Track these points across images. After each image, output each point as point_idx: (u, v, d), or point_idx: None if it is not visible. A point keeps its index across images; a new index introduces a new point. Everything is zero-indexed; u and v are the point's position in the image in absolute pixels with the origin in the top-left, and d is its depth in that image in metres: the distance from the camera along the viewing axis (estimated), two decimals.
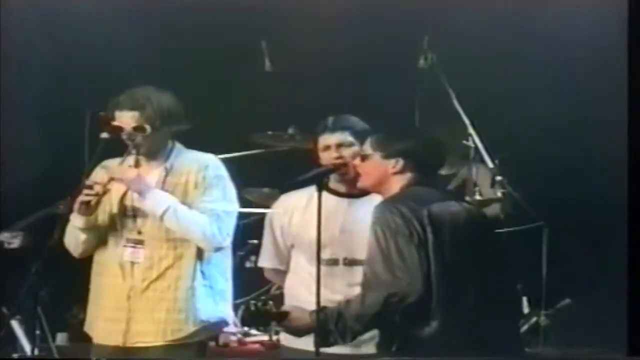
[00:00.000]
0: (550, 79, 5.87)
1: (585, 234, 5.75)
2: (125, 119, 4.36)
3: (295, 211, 4.42)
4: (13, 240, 5.45)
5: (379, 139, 4.05)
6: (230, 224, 4.41)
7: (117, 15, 5.92)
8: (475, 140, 5.65)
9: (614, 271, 4.97)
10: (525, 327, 5.56)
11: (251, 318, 4.05)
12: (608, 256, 5.39)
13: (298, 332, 4.00)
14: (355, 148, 4.33)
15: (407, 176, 3.99)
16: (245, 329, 5.51)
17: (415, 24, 5.84)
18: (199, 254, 4.40)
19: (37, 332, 4.79)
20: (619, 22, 4.75)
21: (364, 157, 4.06)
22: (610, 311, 5.05)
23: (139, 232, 4.40)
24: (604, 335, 5.06)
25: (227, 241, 4.42)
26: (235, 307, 5.31)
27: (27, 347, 4.92)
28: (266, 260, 4.52)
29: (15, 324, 4.90)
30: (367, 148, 4.06)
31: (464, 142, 5.69)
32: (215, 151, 4.76)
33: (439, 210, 3.90)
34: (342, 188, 4.40)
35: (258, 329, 5.46)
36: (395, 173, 3.98)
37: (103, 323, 4.41)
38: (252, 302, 3.99)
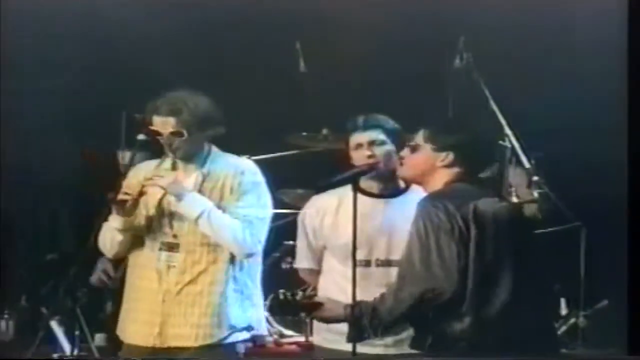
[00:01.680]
0: (587, 78, 5.94)
1: (623, 234, 5.80)
2: (163, 124, 4.47)
3: (326, 213, 4.51)
4: None
5: (433, 131, 4.10)
6: (263, 231, 4.52)
7: (153, 16, 6.04)
8: (511, 140, 5.73)
9: None
10: (563, 328, 5.64)
11: (279, 307, 4.13)
12: None
13: (329, 321, 4.09)
14: (388, 146, 4.44)
15: (453, 171, 4.05)
16: (281, 329, 5.64)
17: (451, 24, 5.93)
18: (232, 259, 4.51)
19: (77, 332, 4.96)
20: None
21: (414, 148, 4.10)
22: None
23: (175, 236, 4.51)
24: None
25: (258, 248, 4.53)
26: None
27: (66, 348, 5.05)
28: (301, 261, 4.62)
29: (54, 325, 5.04)
30: (419, 139, 4.10)
31: (500, 142, 5.77)
32: (249, 152, 4.90)
33: (484, 207, 3.96)
34: (373, 188, 4.48)
35: (286, 322, 5.53)
36: (443, 166, 4.05)
37: (137, 326, 4.53)
38: (281, 291, 4.09)
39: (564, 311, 5.70)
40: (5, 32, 5.89)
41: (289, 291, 4.05)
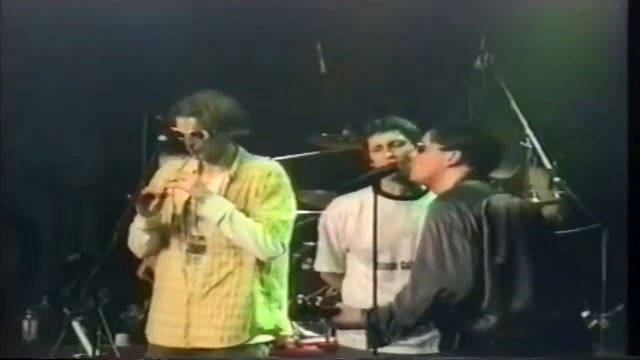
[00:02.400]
0: (610, 78, 5.95)
1: None
2: (185, 125, 4.52)
3: (349, 216, 4.54)
4: None
5: (439, 131, 4.16)
6: (286, 234, 4.55)
7: (173, 17, 6.10)
8: (532, 141, 5.75)
9: None
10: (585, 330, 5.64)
11: (298, 312, 4.17)
12: None
13: (347, 327, 4.14)
14: (407, 147, 4.46)
15: (462, 170, 4.10)
16: (301, 330, 5.68)
17: (472, 24, 5.96)
18: (259, 260, 4.55)
19: (98, 332, 5.02)
20: None
21: (421, 149, 4.17)
22: None
23: (201, 238, 4.55)
24: None
25: (281, 251, 4.55)
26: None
27: (88, 348, 5.11)
28: (322, 265, 4.65)
29: (76, 325, 5.11)
30: (426, 140, 4.17)
31: (521, 143, 5.80)
32: (270, 153, 4.92)
33: (496, 203, 4.00)
34: (395, 190, 4.51)
35: (307, 323, 5.58)
36: (451, 166, 4.10)
37: (162, 327, 4.57)
38: (300, 296, 4.12)
39: (585, 313, 5.69)
40: (23, 34, 5.97)
41: (307, 296, 4.09)
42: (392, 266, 4.46)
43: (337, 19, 6.13)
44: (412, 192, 4.51)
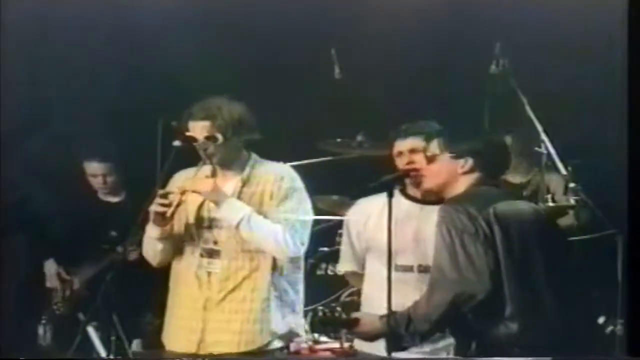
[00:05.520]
0: (624, 83, 5.99)
1: None
2: (198, 129, 4.60)
3: (371, 216, 4.64)
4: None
5: (446, 139, 4.22)
6: (305, 234, 4.63)
7: (188, 23, 6.16)
8: (547, 147, 5.79)
9: None
10: (601, 337, 5.69)
11: (320, 324, 4.27)
12: None
13: (368, 337, 4.20)
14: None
15: (474, 176, 4.17)
16: (316, 336, 5.74)
17: (487, 29, 6.02)
18: (274, 265, 4.63)
19: (113, 338, 5.09)
20: None
21: (431, 159, 4.23)
22: None
23: (215, 242, 4.64)
24: None
25: (302, 251, 4.64)
26: (306, 314, 5.56)
27: (103, 353, 5.19)
28: (343, 264, 4.78)
29: (91, 330, 5.19)
30: (435, 149, 4.22)
31: (536, 149, 5.85)
32: (284, 159, 5.00)
33: (505, 208, 4.07)
34: (418, 193, 4.59)
35: (328, 336, 5.67)
36: (464, 173, 4.16)
37: (178, 332, 4.65)
38: (320, 308, 4.22)
39: (601, 319, 5.73)
40: (38, 37, 6.04)
41: (327, 308, 4.15)
42: (408, 268, 4.53)
43: (352, 25, 6.17)
44: (434, 196, 4.57)
